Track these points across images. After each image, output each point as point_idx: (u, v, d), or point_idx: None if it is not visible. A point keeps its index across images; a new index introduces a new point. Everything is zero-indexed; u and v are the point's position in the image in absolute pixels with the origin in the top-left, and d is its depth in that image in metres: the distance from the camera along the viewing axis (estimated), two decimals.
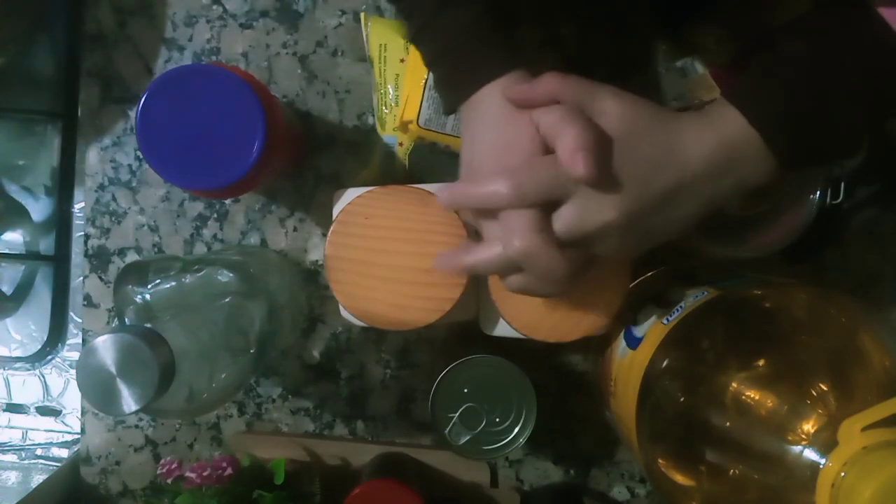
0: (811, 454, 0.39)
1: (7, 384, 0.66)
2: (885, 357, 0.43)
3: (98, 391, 0.40)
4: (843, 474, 0.36)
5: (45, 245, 0.66)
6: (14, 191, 0.66)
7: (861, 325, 0.44)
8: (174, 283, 0.47)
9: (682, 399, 0.45)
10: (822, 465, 0.38)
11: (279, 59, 0.62)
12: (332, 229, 0.49)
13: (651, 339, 0.47)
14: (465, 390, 0.55)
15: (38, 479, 0.62)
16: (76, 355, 0.66)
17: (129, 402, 0.40)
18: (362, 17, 0.58)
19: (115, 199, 0.63)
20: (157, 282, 0.47)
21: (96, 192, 0.63)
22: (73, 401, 0.66)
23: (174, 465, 0.55)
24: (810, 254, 0.61)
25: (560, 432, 0.63)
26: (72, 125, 0.64)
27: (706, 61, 0.57)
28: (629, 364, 0.49)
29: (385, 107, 0.56)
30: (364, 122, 0.62)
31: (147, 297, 0.46)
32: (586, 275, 0.42)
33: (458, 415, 0.54)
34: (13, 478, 0.64)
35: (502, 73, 0.42)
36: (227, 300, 0.48)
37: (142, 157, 0.62)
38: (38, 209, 0.66)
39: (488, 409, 0.55)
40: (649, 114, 0.40)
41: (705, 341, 0.45)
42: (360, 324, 0.51)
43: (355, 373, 0.64)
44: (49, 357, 0.66)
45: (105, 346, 0.40)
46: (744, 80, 0.42)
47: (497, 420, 0.55)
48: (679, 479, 0.45)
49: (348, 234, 0.49)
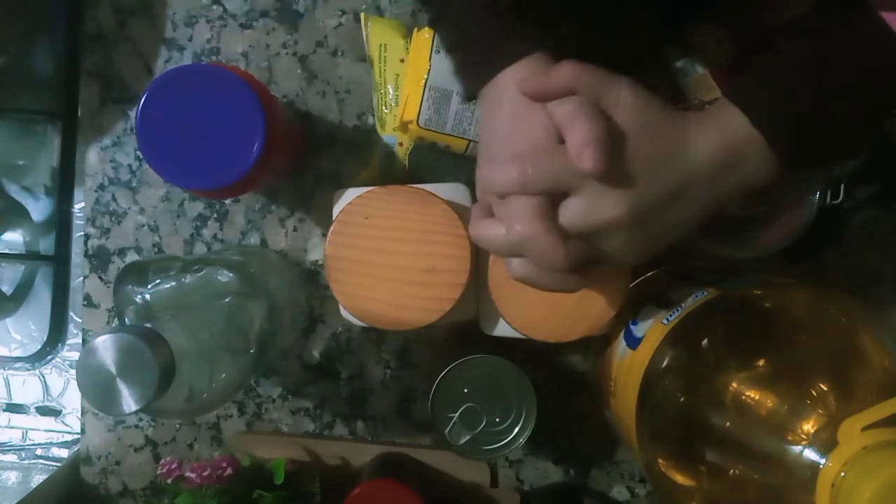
0: (811, 454, 0.39)
1: (7, 384, 0.66)
2: (885, 357, 0.43)
3: (98, 391, 0.40)
4: (843, 474, 0.36)
5: (45, 245, 0.66)
6: (14, 191, 0.66)
7: (861, 325, 0.44)
8: (174, 283, 0.47)
9: (682, 399, 0.45)
10: (822, 465, 0.38)
11: (279, 59, 0.62)
12: (332, 229, 0.49)
13: (651, 339, 0.47)
14: (465, 390, 0.55)
15: (38, 479, 0.62)
16: (76, 355, 0.66)
17: (129, 402, 0.40)
18: (362, 17, 0.58)
19: (115, 199, 0.63)
20: (157, 282, 0.47)
21: (96, 192, 0.63)
22: (73, 401, 0.66)
23: (174, 465, 0.55)
24: (810, 254, 0.61)
25: (560, 432, 0.63)
26: (72, 125, 0.64)
27: (706, 61, 0.57)
28: (629, 364, 0.49)
29: (385, 107, 0.56)
30: (364, 122, 0.62)
31: (147, 297, 0.46)
32: (591, 274, 0.41)
33: (458, 415, 0.54)
34: (13, 478, 0.64)
35: (521, 56, 0.41)
36: (227, 300, 0.48)
37: (142, 157, 0.62)
38: (38, 209, 0.66)
39: (488, 409, 0.55)
40: (660, 110, 0.40)
41: (705, 341, 0.45)
42: (360, 324, 0.51)
43: (355, 373, 0.64)
44: (49, 357, 0.66)
45: (105, 346, 0.40)
46: (745, 80, 0.42)
47: (497, 420, 0.55)
48: (679, 479, 0.45)
49: (348, 234, 0.49)
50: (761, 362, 0.44)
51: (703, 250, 0.53)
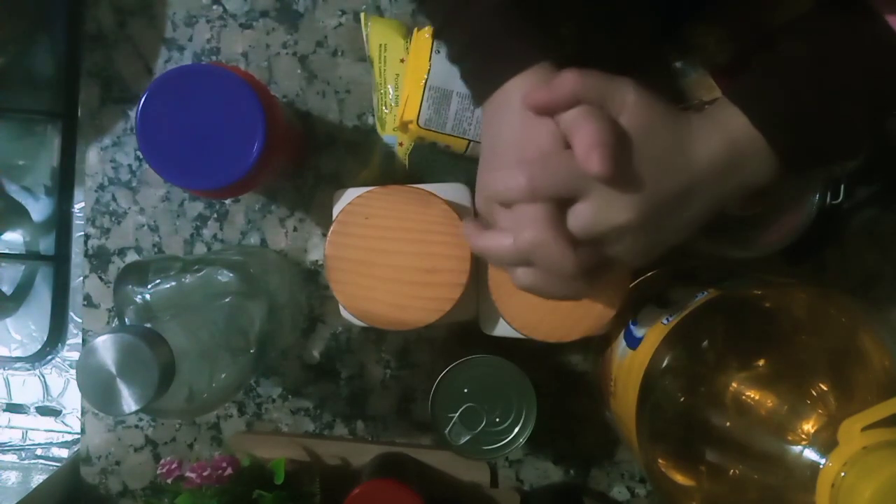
0: (811, 454, 0.39)
1: (7, 384, 0.66)
2: (885, 357, 0.43)
3: (98, 391, 0.40)
4: (843, 474, 0.36)
5: (45, 245, 0.66)
6: (14, 191, 0.66)
7: (861, 325, 0.44)
8: (174, 283, 0.47)
9: (682, 399, 0.45)
10: (822, 465, 0.38)
11: (279, 59, 0.62)
12: (332, 229, 0.49)
13: (651, 339, 0.47)
14: (465, 390, 0.55)
15: (38, 479, 0.62)
16: (76, 355, 0.66)
17: (129, 402, 0.40)
18: (362, 17, 0.58)
19: (115, 199, 0.63)
20: (157, 282, 0.47)
21: (96, 192, 0.63)
22: (73, 401, 0.66)
23: (174, 465, 0.55)
24: (810, 254, 0.61)
25: (560, 432, 0.63)
26: (72, 125, 0.64)
27: (706, 61, 0.57)
28: (629, 364, 0.49)
29: (385, 107, 0.56)
30: (364, 122, 0.62)
31: (147, 297, 0.46)
32: (598, 279, 0.41)
33: (458, 415, 0.54)
34: (13, 478, 0.64)
35: (528, 66, 0.41)
36: (227, 300, 0.48)
37: (142, 157, 0.62)
38: (38, 209, 0.66)
39: (488, 409, 0.55)
40: (663, 112, 0.40)
41: (705, 341, 0.45)
42: (360, 324, 0.51)
43: (355, 373, 0.64)
44: (49, 357, 0.66)
45: (105, 346, 0.40)
46: (746, 80, 0.42)
47: (497, 420, 0.55)
48: (679, 479, 0.45)
49: (348, 234, 0.49)
50: (761, 362, 0.44)
51: (703, 250, 0.53)
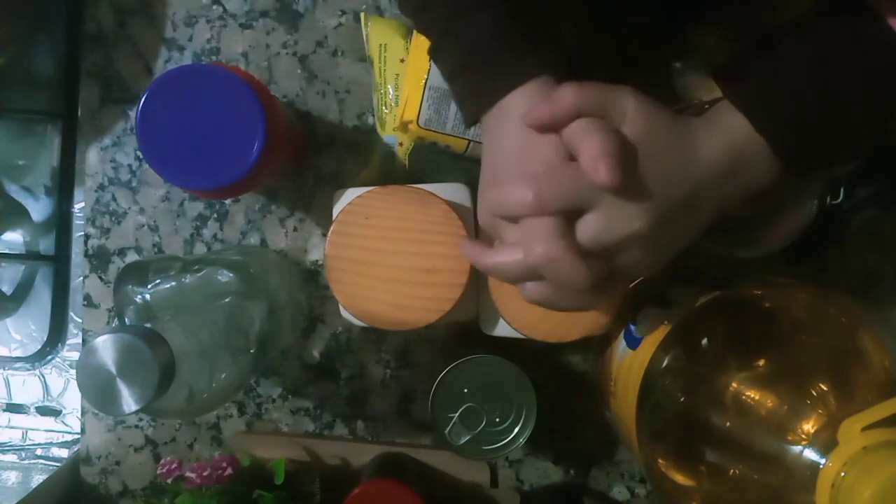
0: (811, 454, 0.39)
1: (7, 384, 0.66)
2: (885, 357, 0.43)
3: (98, 391, 0.40)
4: (843, 474, 0.36)
5: (45, 245, 0.66)
6: (14, 191, 0.66)
7: (861, 325, 0.44)
8: (174, 283, 0.47)
9: (682, 399, 0.45)
10: (822, 465, 0.38)
11: (279, 59, 0.62)
12: (332, 229, 0.49)
13: (651, 339, 0.47)
14: (465, 390, 0.55)
15: (38, 479, 0.62)
16: (76, 355, 0.66)
17: (129, 402, 0.40)
18: (362, 17, 0.58)
19: (115, 199, 0.63)
20: (157, 282, 0.47)
21: (96, 192, 0.63)
22: (73, 401, 0.66)
23: (174, 465, 0.55)
24: (810, 254, 0.61)
25: (560, 432, 0.63)
26: (72, 125, 0.64)
27: (706, 61, 0.57)
28: (629, 364, 0.49)
29: (385, 107, 0.56)
30: (364, 122, 0.62)
31: (147, 297, 0.46)
32: (608, 290, 0.40)
33: (458, 415, 0.54)
34: (13, 478, 0.64)
35: (527, 79, 0.41)
36: (227, 300, 0.48)
37: (142, 157, 0.62)
38: (38, 209, 0.66)
39: (488, 409, 0.55)
40: (665, 118, 0.39)
41: (705, 341, 0.45)
42: (360, 324, 0.51)
43: (355, 373, 0.64)
44: (49, 357, 0.66)
45: (105, 346, 0.40)
46: (748, 83, 0.41)
47: (497, 420, 0.55)
48: (679, 479, 0.45)
49: (348, 234, 0.49)
50: (761, 362, 0.44)
51: (703, 250, 0.53)
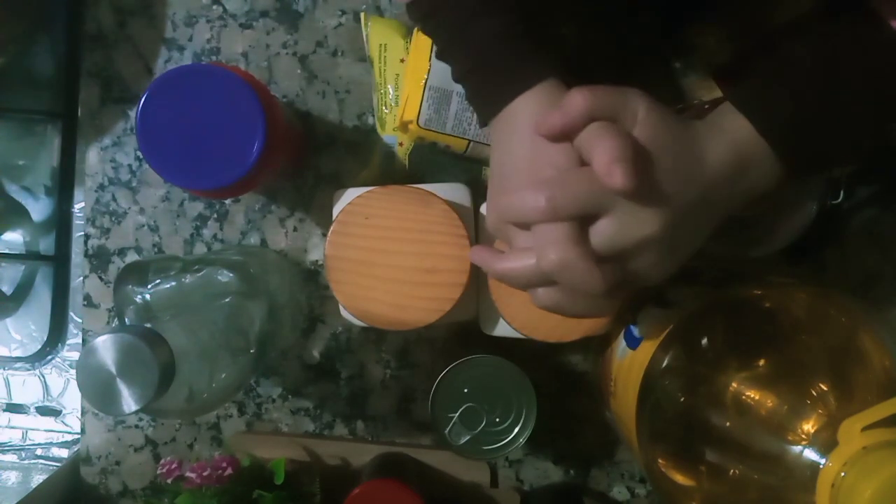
0: (811, 454, 0.39)
1: (7, 384, 0.66)
2: (885, 357, 0.43)
3: (98, 391, 0.40)
4: (843, 474, 0.36)
5: (45, 245, 0.66)
6: (14, 191, 0.66)
7: (861, 325, 0.44)
8: (174, 283, 0.47)
9: (682, 399, 0.45)
10: (822, 465, 0.38)
11: (279, 59, 0.62)
12: (332, 229, 0.49)
13: (651, 339, 0.47)
14: (465, 390, 0.55)
15: (38, 479, 0.62)
16: (76, 355, 0.66)
17: (129, 402, 0.40)
18: (362, 17, 0.58)
19: (115, 199, 0.63)
20: (157, 282, 0.47)
21: (96, 192, 0.63)
22: (73, 401, 0.66)
23: (174, 465, 0.55)
24: (810, 254, 0.61)
25: (560, 432, 0.63)
26: (72, 125, 0.64)
27: (706, 61, 0.57)
28: (629, 364, 0.49)
29: (385, 107, 0.56)
30: (364, 122, 0.62)
31: (147, 297, 0.46)
32: (621, 296, 0.40)
33: (458, 415, 0.54)
34: (13, 478, 0.64)
35: (534, 83, 0.40)
36: (227, 300, 0.48)
37: (142, 157, 0.62)
38: (38, 209, 0.66)
39: (488, 409, 0.55)
40: (673, 121, 0.39)
41: (705, 341, 0.45)
42: (360, 324, 0.51)
43: (355, 373, 0.64)
44: (49, 357, 0.66)
45: (105, 346, 0.40)
46: (750, 85, 0.41)
47: (497, 420, 0.55)
48: (679, 479, 0.45)
49: (348, 234, 0.49)
50: (761, 362, 0.44)
51: (703, 250, 0.53)
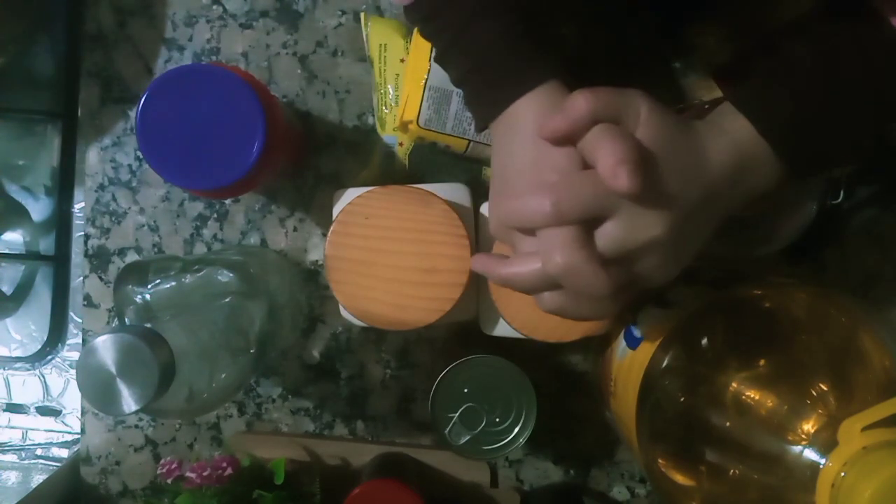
0: (811, 454, 0.39)
1: (7, 384, 0.66)
2: (885, 357, 0.43)
3: (98, 391, 0.40)
4: (843, 474, 0.36)
5: (45, 245, 0.66)
6: (14, 191, 0.66)
7: (861, 325, 0.44)
8: (174, 283, 0.47)
9: (682, 399, 0.45)
10: (822, 465, 0.38)
11: (279, 59, 0.62)
12: (332, 229, 0.49)
13: (651, 339, 0.47)
14: (465, 390, 0.55)
15: (38, 479, 0.62)
16: (76, 355, 0.66)
17: (129, 402, 0.40)
18: (362, 17, 0.58)
19: (115, 199, 0.63)
20: (157, 282, 0.47)
21: (96, 192, 0.63)
22: (73, 401, 0.66)
23: (174, 465, 0.55)
24: (810, 254, 0.61)
25: (560, 432, 0.63)
26: (72, 125, 0.64)
27: (706, 61, 0.57)
28: (629, 364, 0.49)
29: (385, 107, 0.56)
30: (364, 122, 0.62)
31: (147, 297, 0.46)
32: (626, 298, 0.40)
33: (458, 415, 0.54)
34: (13, 478, 0.64)
35: (535, 85, 0.40)
36: (227, 300, 0.48)
37: (142, 157, 0.62)
38: (38, 209, 0.66)
39: (488, 409, 0.55)
40: (675, 122, 0.39)
41: (705, 341, 0.45)
42: (360, 324, 0.51)
43: (355, 373, 0.64)
44: (49, 357, 0.66)
45: (105, 346, 0.40)
46: (750, 86, 0.41)
47: (497, 420, 0.55)
48: (679, 479, 0.45)
49: (348, 234, 0.49)
50: (761, 362, 0.44)
51: (703, 250, 0.53)
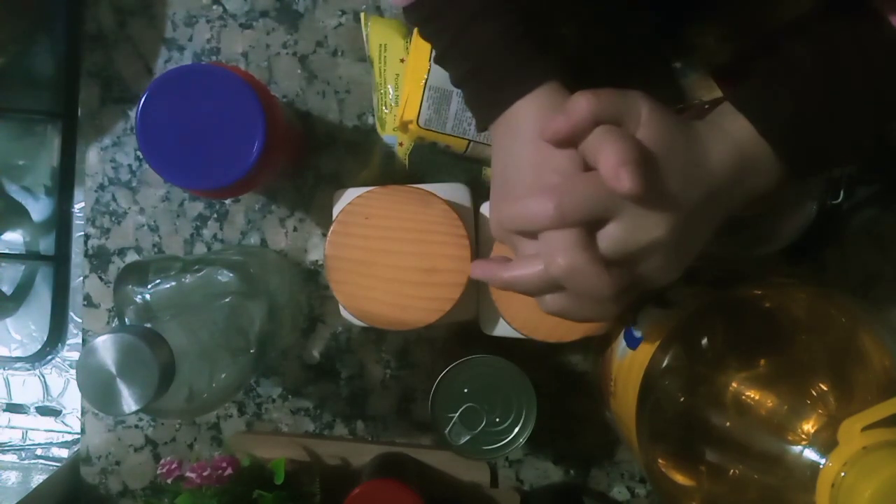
0: (811, 454, 0.39)
1: (7, 384, 0.66)
2: (885, 357, 0.43)
3: (98, 391, 0.40)
4: (843, 474, 0.36)
5: (45, 245, 0.66)
6: (14, 191, 0.66)
7: (861, 325, 0.44)
8: (174, 283, 0.47)
9: (682, 399, 0.45)
10: (822, 465, 0.38)
11: (279, 59, 0.62)
12: (332, 229, 0.49)
13: (651, 339, 0.47)
14: (465, 390, 0.55)
15: (38, 479, 0.62)
16: (76, 355, 0.66)
17: (129, 402, 0.40)
18: (362, 17, 0.58)
19: (115, 199, 0.63)
20: (157, 282, 0.47)
21: (96, 192, 0.63)
22: (73, 401, 0.66)
23: (174, 465, 0.55)
24: (810, 254, 0.61)
25: (560, 432, 0.63)
26: (72, 125, 0.64)
27: (706, 61, 0.57)
28: (629, 364, 0.49)
29: (385, 107, 0.56)
30: (364, 122, 0.62)
31: (147, 297, 0.46)
32: (628, 299, 0.40)
33: (458, 415, 0.54)
34: (13, 478, 0.64)
35: (535, 86, 0.40)
36: (227, 300, 0.48)
37: (142, 157, 0.62)
38: (38, 209, 0.66)
39: (488, 409, 0.55)
40: (675, 123, 0.39)
41: (705, 341, 0.45)
42: (360, 324, 0.51)
43: (355, 373, 0.64)
44: (49, 357, 0.66)
45: (105, 346, 0.40)
46: (750, 86, 0.41)
47: (497, 420, 0.55)
48: (679, 479, 0.45)
49: (348, 234, 0.49)
50: (761, 362, 0.44)
51: (703, 250, 0.53)
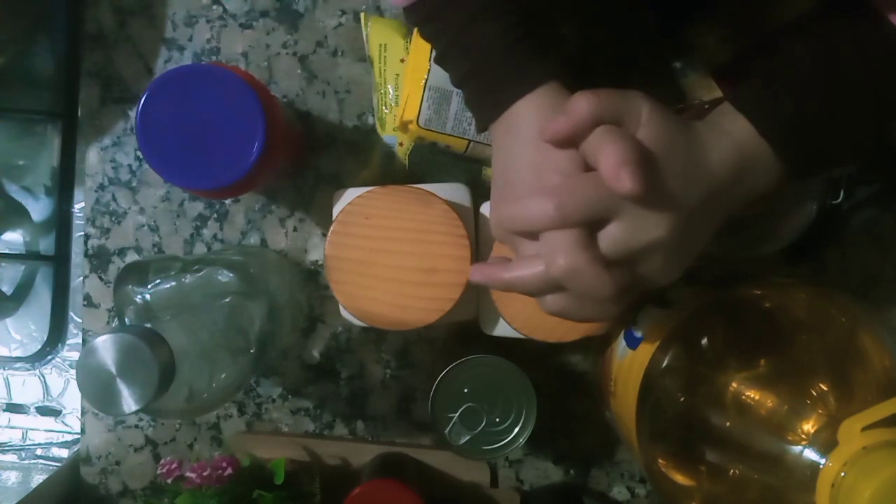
0: (811, 454, 0.39)
1: (7, 384, 0.66)
2: (885, 357, 0.43)
3: (98, 391, 0.40)
4: (843, 474, 0.36)
5: (45, 245, 0.66)
6: (14, 191, 0.66)
7: (861, 325, 0.44)
8: (174, 283, 0.47)
9: (683, 399, 0.45)
10: (822, 465, 0.38)
11: (279, 59, 0.62)
12: (332, 229, 0.49)
13: (651, 339, 0.47)
14: (465, 390, 0.55)
15: (38, 479, 0.62)
16: (76, 355, 0.66)
17: (129, 402, 0.40)
18: (362, 17, 0.58)
19: (115, 199, 0.63)
20: (157, 282, 0.47)
21: (96, 192, 0.63)
22: (73, 401, 0.66)
23: (174, 465, 0.55)
24: (810, 254, 0.61)
25: (560, 432, 0.63)
26: (72, 125, 0.64)
27: (706, 61, 0.57)
28: (629, 364, 0.49)
29: (385, 107, 0.56)
30: (364, 122, 0.62)
31: (147, 297, 0.46)
32: (629, 299, 0.40)
33: (458, 415, 0.54)
34: (13, 478, 0.64)
35: (535, 86, 0.40)
36: (227, 300, 0.48)
37: (142, 157, 0.62)
38: (38, 209, 0.66)
39: (488, 409, 0.55)
40: (676, 123, 0.39)
41: (705, 341, 0.45)
42: (360, 324, 0.51)
43: (355, 373, 0.64)
44: (49, 357, 0.66)
45: (105, 346, 0.40)
46: (750, 86, 0.41)
47: (497, 420, 0.55)
48: (679, 479, 0.45)
49: (348, 234, 0.49)
50: (761, 362, 0.44)
51: (703, 250, 0.53)
